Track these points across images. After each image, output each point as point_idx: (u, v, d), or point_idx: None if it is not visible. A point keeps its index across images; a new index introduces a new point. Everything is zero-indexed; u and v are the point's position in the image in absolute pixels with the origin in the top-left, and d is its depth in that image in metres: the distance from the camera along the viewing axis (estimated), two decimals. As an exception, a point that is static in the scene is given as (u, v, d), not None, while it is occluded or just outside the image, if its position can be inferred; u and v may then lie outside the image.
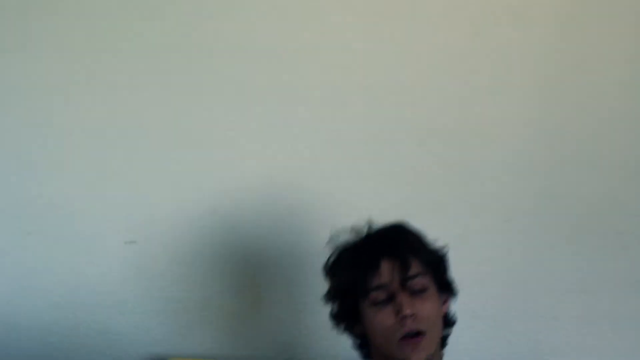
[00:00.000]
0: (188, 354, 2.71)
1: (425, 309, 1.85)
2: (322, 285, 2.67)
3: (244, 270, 2.72)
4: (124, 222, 2.72)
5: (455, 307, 2.11)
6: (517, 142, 2.73)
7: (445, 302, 1.98)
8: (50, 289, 2.74)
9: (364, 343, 2.01)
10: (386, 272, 1.88)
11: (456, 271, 2.10)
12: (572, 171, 2.73)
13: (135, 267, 2.74)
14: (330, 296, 2.06)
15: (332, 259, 2.07)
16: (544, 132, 2.73)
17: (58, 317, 2.74)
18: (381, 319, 1.86)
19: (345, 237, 2.09)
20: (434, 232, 2.11)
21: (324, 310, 2.67)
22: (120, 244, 2.73)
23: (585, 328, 2.70)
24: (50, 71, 2.68)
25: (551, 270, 2.71)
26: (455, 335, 2.13)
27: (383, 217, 2.12)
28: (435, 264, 1.96)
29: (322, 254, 2.64)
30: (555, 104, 2.73)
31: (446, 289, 1.99)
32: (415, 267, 1.90)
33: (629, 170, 2.75)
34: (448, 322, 2.03)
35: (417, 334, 1.83)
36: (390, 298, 1.86)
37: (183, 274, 2.74)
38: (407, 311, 1.80)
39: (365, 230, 2.05)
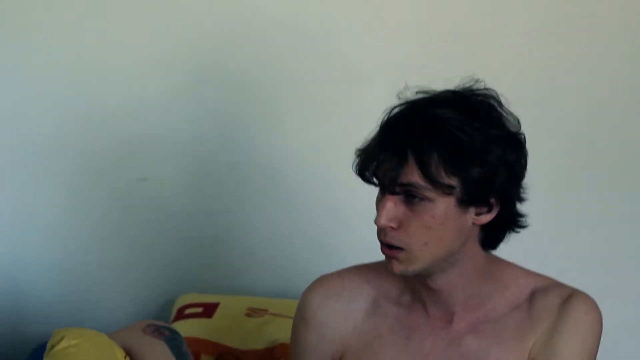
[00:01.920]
0: (201, 290, 2.72)
1: (411, 226, 1.51)
2: (335, 223, 2.69)
3: (257, 208, 2.72)
4: (135, 159, 2.72)
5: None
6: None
7: (479, 213, 1.55)
8: (61, 225, 2.75)
9: None
10: (383, 165, 1.51)
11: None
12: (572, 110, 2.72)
13: (148, 205, 2.74)
14: None
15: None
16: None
17: (69, 254, 2.75)
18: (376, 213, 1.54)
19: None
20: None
21: (338, 246, 2.70)
22: (131, 181, 2.73)
23: (595, 268, 2.71)
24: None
25: (562, 210, 2.71)
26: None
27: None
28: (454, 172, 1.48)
29: (335, 192, 2.69)
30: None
31: (478, 201, 1.52)
32: (411, 174, 1.49)
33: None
34: (485, 237, 1.60)
35: (392, 246, 1.54)
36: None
37: (195, 212, 2.74)
38: (379, 221, 1.51)
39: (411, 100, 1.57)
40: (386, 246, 1.56)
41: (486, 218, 1.56)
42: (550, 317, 1.63)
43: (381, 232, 1.55)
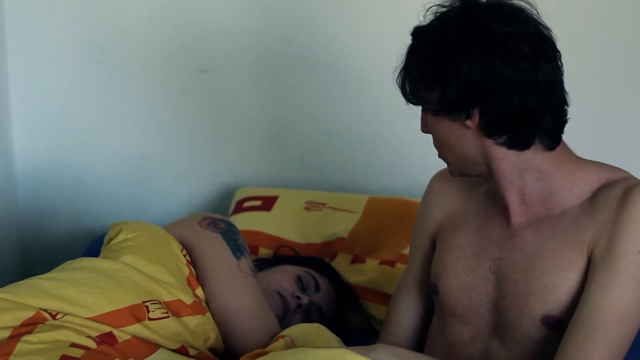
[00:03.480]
0: (260, 183, 2.73)
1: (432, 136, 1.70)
2: (397, 118, 2.66)
3: (317, 101, 2.70)
4: (197, 51, 2.70)
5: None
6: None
7: (467, 118, 1.61)
8: (122, 114, 2.76)
9: None
10: None
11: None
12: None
13: (208, 97, 2.73)
14: None
15: None
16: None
17: (129, 143, 2.78)
18: None
19: None
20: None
21: (398, 141, 2.67)
22: (193, 72, 2.72)
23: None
24: None
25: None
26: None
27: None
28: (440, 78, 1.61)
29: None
30: None
31: (453, 108, 1.62)
32: (416, 86, 1.66)
33: None
34: (509, 141, 1.62)
35: None
36: None
37: (256, 102, 2.72)
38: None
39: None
40: None
41: (473, 123, 1.60)
42: (610, 209, 1.60)
43: None
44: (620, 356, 1.59)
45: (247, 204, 2.59)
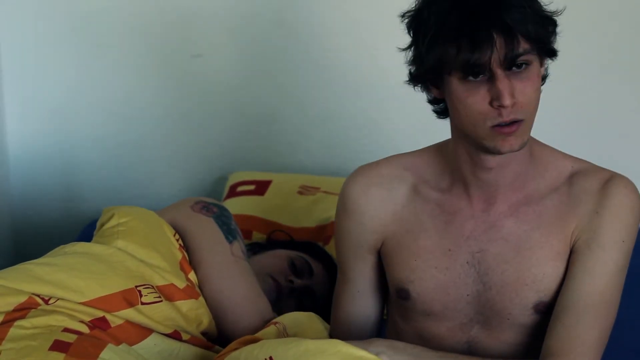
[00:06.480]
0: (253, 168, 2.73)
1: (527, 93, 1.54)
2: (388, 102, 2.66)
3: (310, 86, 2.70)
4: (190, 35, 2.70)
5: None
6: None
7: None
8: (114, 100, 2.76)
9: (442, 109, 1.67)
10: (486, 45, 1.52)
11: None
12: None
13: (202, 81, 2.73)
14: (410, 53, 1.63)
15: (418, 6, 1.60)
16: None
17: (122, 128, 2.77)
18: (473, 102, 1.55)
19: None
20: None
21: (389, 127, 2.68)
22: (186, 57, 2.71)
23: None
24: None
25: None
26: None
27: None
28: (543, 33, 1.56)
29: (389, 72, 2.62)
30: None
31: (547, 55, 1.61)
32: (523, 42, 1.54)
33: None
34: None
35: (513, 122, 1.55)
36: (485, 77, 1.55)
37: (250, 86, 2.72)
38: (507, 101, 1.52)
39: None
40: (507, 125, 1.54)
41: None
42: (591, 200, 1.64)
43: (502, 113, 1.54)
44: (606, 341, 1.63)
45: (240, 188, 2.59)
